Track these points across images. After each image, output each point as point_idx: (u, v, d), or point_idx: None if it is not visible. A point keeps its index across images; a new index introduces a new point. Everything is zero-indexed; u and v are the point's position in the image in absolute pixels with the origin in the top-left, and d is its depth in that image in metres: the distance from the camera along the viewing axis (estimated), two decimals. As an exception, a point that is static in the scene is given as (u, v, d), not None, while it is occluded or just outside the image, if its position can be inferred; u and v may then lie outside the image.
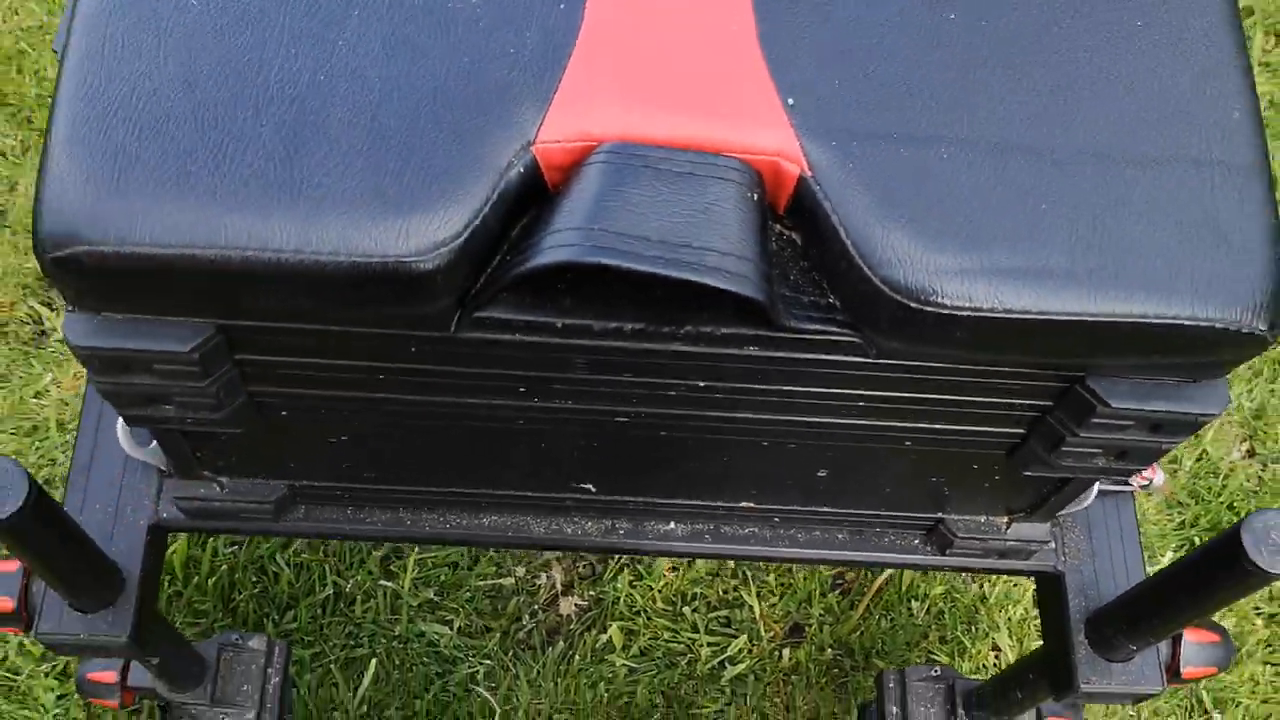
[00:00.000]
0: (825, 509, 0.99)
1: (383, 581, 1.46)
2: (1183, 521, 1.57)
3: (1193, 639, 1.03)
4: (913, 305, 0.69)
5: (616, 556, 1.50)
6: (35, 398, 1.56)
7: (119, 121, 0.68)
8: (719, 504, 0.98)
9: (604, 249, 0.66)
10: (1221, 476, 1.59)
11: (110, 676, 1.28)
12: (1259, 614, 1.54)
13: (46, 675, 1.40)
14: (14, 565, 0.99)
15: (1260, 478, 1.60)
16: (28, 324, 1.60)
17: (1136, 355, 0.73)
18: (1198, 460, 1.60)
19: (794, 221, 0.74)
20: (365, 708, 1.41)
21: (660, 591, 1.49)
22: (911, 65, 0.72)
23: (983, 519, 0.99)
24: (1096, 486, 1.01)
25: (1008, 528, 1.00)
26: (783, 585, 1.51)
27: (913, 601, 1.50)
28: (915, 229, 0.70)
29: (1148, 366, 0.75)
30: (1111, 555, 1.03)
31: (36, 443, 1.53)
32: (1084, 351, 0.73)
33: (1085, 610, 1.03)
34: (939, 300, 0.69)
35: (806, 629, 1.49)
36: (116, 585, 0.96)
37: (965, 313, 0.69)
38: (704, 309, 0.73)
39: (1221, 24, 0.76)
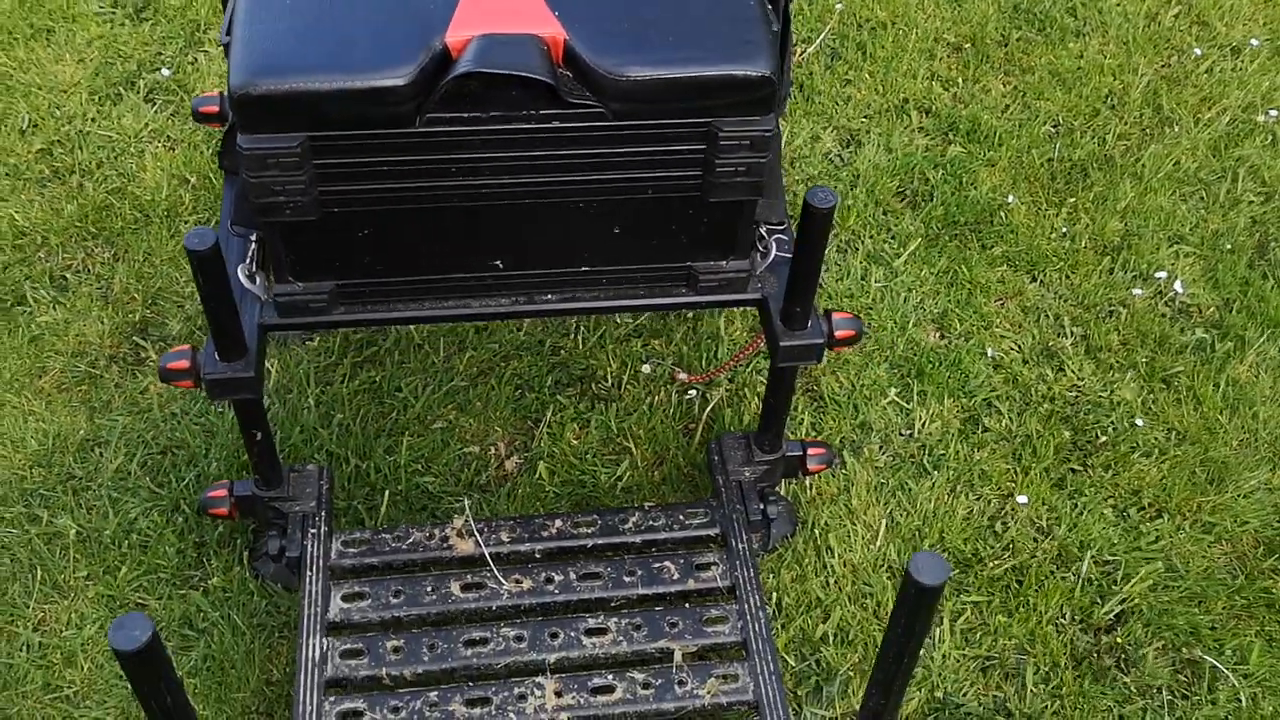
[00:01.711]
0: (630, 267, 1.83)
1: (388, 456, 2.22)
2: (903, 374, 2.40)
3: (839, 317, 1.86)
4: (620, 79, 1.58)
5: (539, 432, 2.28)
6: (141, 394, 2.34)
7: (260, 39, 1.57)
8: (570, 269, 1.81)
9: (481, 64, 1.55)
10: (922, 346, 2.44)
11: (222, 493, 2.02)
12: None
13: (169, 535, 2.12)
14: (186, 347, 1.77)
15: (945, 346, 2.46)
16: (130, 354, 2.40)
17: (726, 98, 1.62)
18: (907, 343, 2.45)
19: (565, 65, 1.63)
20: (382, 525, 2.13)
21: (570, 447, 2.27)
22: None
23: (711, 263, 1.84)
24: (774, 251, 1.88)
25: (727, 265, 1.84)
26: (650, 434, 2.29)
27: (732, 428, 2.29)
28: (613, 50, 1.59)
29: (735, 107, 1.63)
30: (783, 284, 1.87)
31: (144, 417, 2.30)
32: (703, 98, 1.62)
33: (780, 311, 1.86)
34: (628, 74, 1.58)
35: (666, 457, 2.26)
36: (245, 348, 1.75)
37: (641, 77, 1.58)
38: (530, 99, 1.60)
39: None
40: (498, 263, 1.81)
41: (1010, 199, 2.72)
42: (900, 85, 2.94)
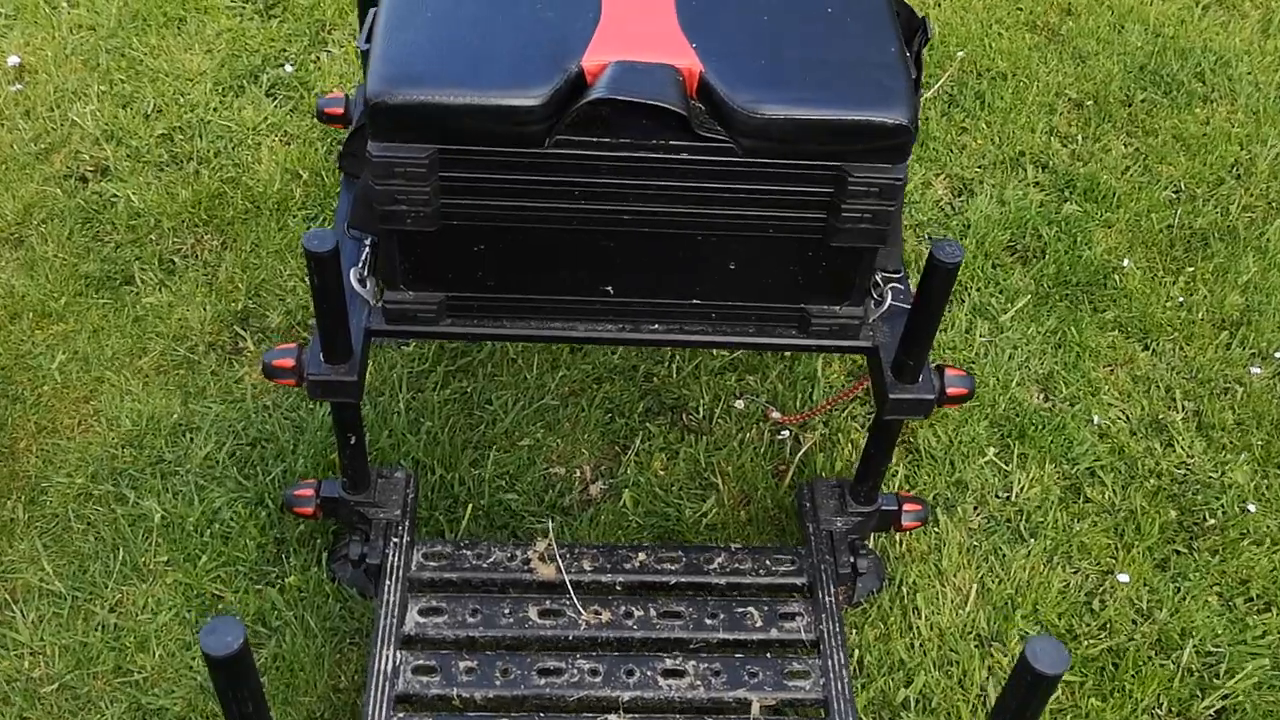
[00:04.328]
0: (740, 303, 1.79)
1: (473, 469, 2.21)
2: (1003, 434, 2.33)
3: (951, 373, 1.81)
4: (753, 116, 1.55)
5: (626, 459, 2.25)
6: (236, 383, 2.35)
7: (400, 49, 1.57)
8: (679, 301, 1.78)
9: (615, 90, 1.53)
10: (1025, 407, 2.37)
11: (309, 492, 2.02)
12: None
13: (251, 528, 2.12)
14: (292, 345, 1.77)
15: (1049, 409, 2.39)
16: (229, 343, 2.42)
17: (860, 143, 1.58)
18: (1009, 402, 2.38)
19: (699, 98, 1.60)
20: (464, 539, 2.12)
21: (657, 478, 2.23)
22: (742, 29, 1.62)
23: (824, 306, 1.79)
24: (889, 300, 1.83)
25: (840, 310, 1.80)
26: (739, 472, 2.25)
27: (823, 473, 2.24)
28: (749, 86, 1.56)
29: (867, 153, 1.59)
30: (896, 333, 1.82)
31: (237, 407, 2.31)
32: (837, 141, 1.58)
33: (891, 362, 1.81)
34: (762, 112, 1.55)
35: (754, 497, 2.22)
36: (350, 351, 1.74)
37: (776, 116, 1.55)
38: (661, 129, 1.58)
39: (885, 11, 1.67)
40: (608, 288, 1.78)
41: (1125, 262, 2.64)
42: (1017, 138, 2.87)
